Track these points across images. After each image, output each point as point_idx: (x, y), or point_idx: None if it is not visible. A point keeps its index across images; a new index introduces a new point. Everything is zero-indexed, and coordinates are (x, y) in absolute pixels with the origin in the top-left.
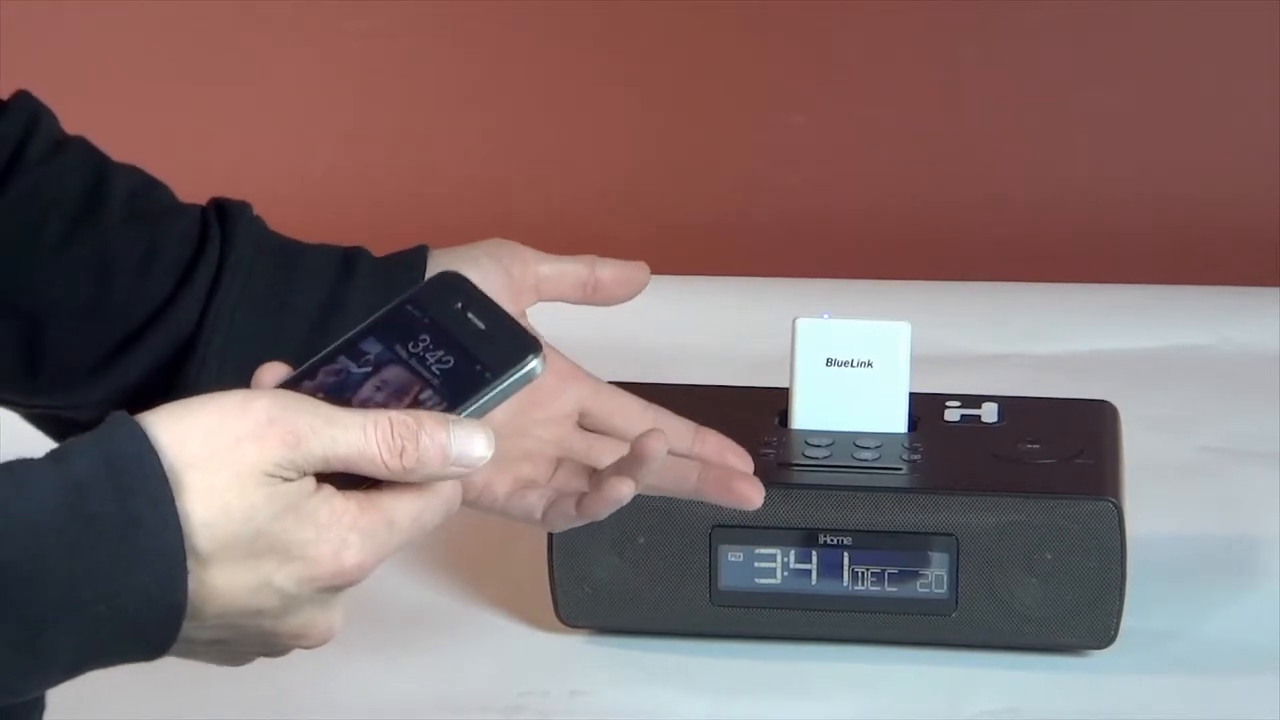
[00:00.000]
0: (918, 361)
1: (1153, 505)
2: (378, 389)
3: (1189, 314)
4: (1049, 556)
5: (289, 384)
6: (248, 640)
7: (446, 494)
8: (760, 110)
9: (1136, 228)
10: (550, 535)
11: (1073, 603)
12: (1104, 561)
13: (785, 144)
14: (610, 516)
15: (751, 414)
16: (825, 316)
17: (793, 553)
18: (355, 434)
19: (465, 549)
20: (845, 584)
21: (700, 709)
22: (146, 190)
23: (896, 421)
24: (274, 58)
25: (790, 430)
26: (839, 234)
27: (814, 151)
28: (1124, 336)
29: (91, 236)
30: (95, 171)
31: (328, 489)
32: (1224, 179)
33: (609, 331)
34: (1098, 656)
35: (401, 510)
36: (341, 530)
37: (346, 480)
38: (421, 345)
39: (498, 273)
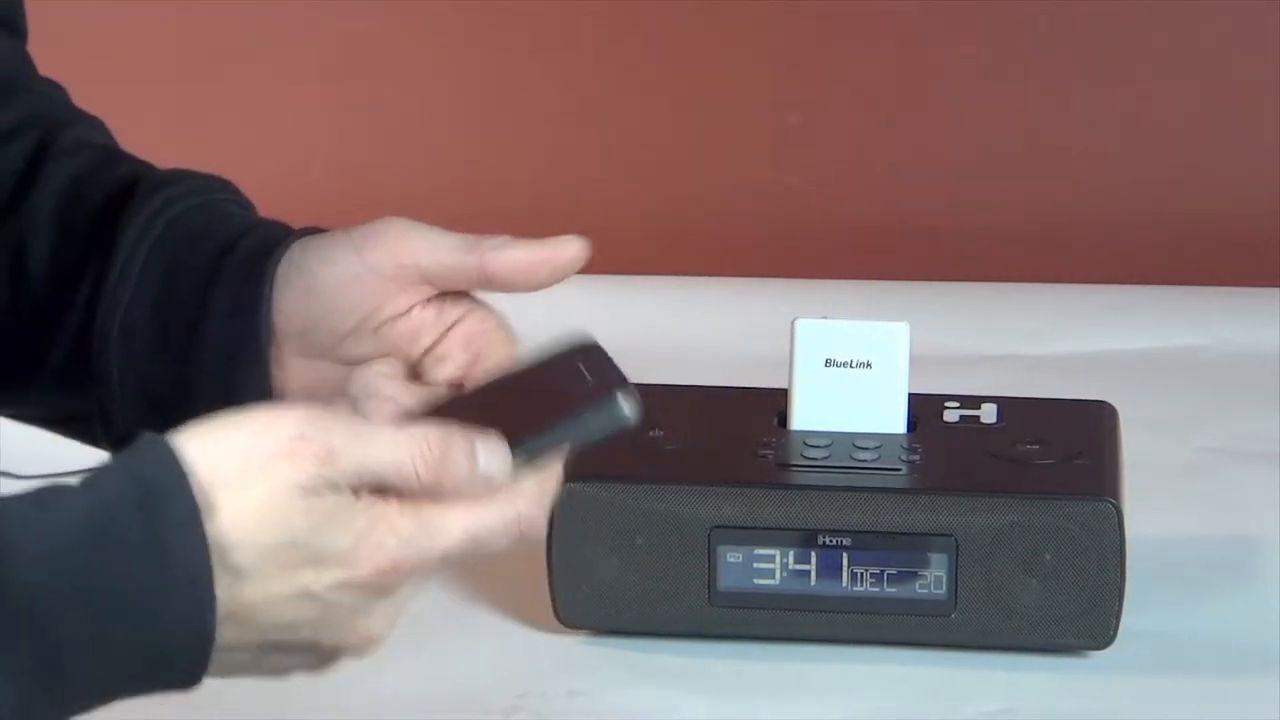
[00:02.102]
0: (916, 362)
1: (1152, 506)
2: (479, 418)
3: (1187, 314)
4: (1048, 557)
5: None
6: (290, 652)
7: (507, 512)
8: (758, 111)
9: (1134, 228)
10: (550, 536)
11: (1072, 603)
12: (1103, 562)
13: (783, 144)
14: (609, 517)
15: (750, 414)
16: (824, 317)
17: (791, 553)
18: (387, 448)
19: None
20: (844, 585)
21: (698, 710)
22: (82, 182)
23: (895, 422)
24: (273, 57)
25: (789, 431)
26: (838, 234)
27: (812, 152)
28: (1122, 337)
29: (15, 231)
30: (25, 173)
31: (367, 496)
32: (1222, 180)
33: (606, 332)
34: (1097, 657)
35: (447, 520)
36: (379, 534)
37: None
38: (527, 392)
39: (365, 278)
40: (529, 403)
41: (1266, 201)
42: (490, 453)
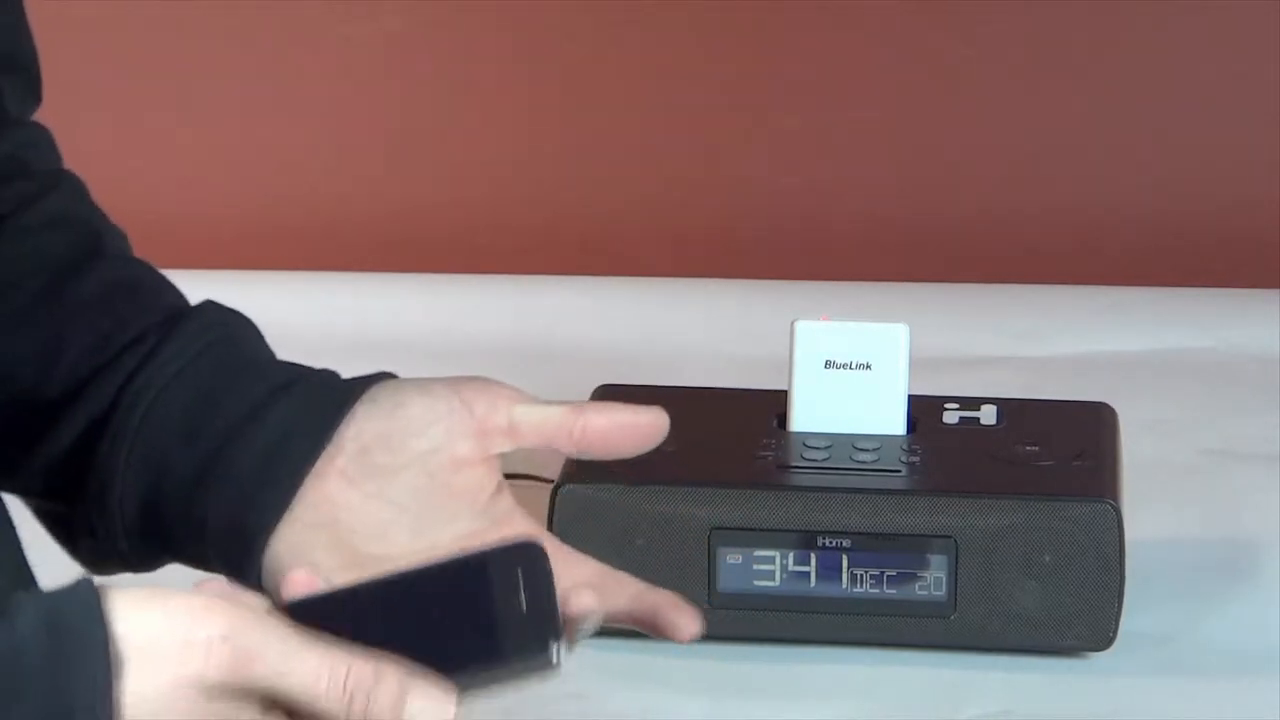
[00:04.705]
0: (916, 363)
1: (1152, 507)
2: (389, 630)
3: (1188, 316)
4: (1048, 559)
5: (312, 600)
6: None
7: None
8: (756, 113)
9: (1135, 230)
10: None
11: (1071, 605)
12: (1103, 564)
13: (781, 146)
14: (609, 518)
15: (750, 416)
16: (824, 318)
17: (791, 555)
18: (308, 672)
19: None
20: (844, 586)
21: (698, 711)
22: (126, 283)
23: (895, 424)
24: (274, 61)
25: (789, 432)
26: (837, 236)
27: (810, 154)
28: (1122, 338)
29: (46, 322)
30: (74, 259)
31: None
32: (1223, 181)
33: (607, 335)
34: (1096, 659)
35: None
36: None
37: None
38: (458, 600)
39: (455, 409)
40: (449, 619)
41: (1266, 202)
42: (422, 705)
